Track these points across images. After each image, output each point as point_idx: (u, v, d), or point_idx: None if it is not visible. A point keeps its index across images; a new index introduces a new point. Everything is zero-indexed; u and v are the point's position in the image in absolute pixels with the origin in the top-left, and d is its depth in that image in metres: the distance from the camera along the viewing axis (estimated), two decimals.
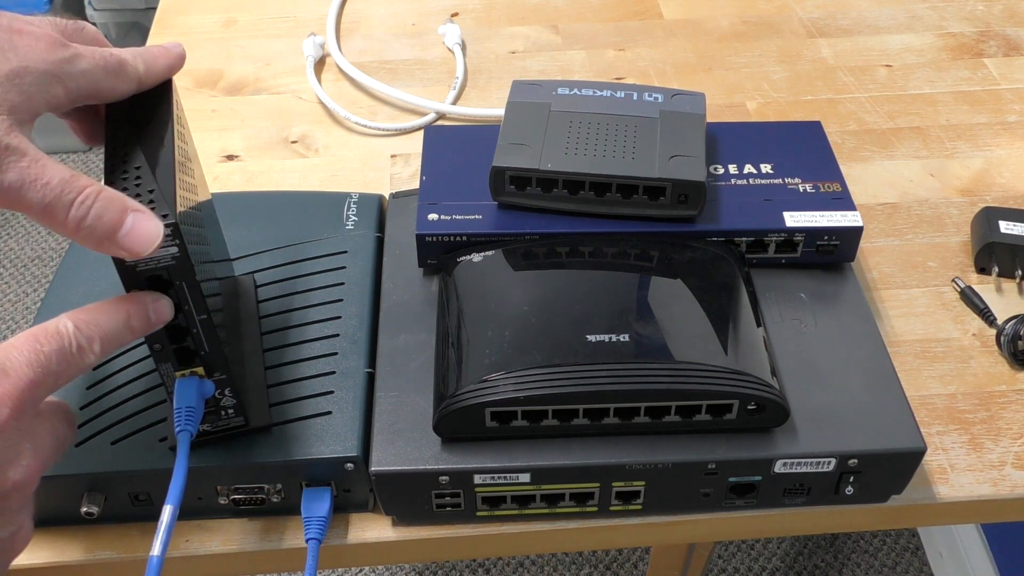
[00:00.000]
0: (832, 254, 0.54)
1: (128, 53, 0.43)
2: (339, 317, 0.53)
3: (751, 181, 0.56)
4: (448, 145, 0.59)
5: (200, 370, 0.43)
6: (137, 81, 0.43)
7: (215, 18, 0.85)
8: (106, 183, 0.39)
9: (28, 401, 0.36)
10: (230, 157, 0.71)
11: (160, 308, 0.40)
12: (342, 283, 0.55)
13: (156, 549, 0.39)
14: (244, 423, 0.46)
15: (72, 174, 0.37)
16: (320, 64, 0.79)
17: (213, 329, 0.42)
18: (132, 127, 0.43)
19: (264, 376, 0.49)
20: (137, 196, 0.39)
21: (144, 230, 0.38)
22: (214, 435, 0.46)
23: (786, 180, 0.56)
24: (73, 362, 0.37)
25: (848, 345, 0.51)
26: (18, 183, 0.36)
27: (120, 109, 0.43)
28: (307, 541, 0.47)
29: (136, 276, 0.40)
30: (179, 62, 0.45)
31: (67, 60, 0.40)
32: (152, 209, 0.39)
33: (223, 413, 0.46)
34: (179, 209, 0.39)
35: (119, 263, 0.39)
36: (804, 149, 0.59)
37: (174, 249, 0.39)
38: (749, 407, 0.45)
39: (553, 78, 0.73)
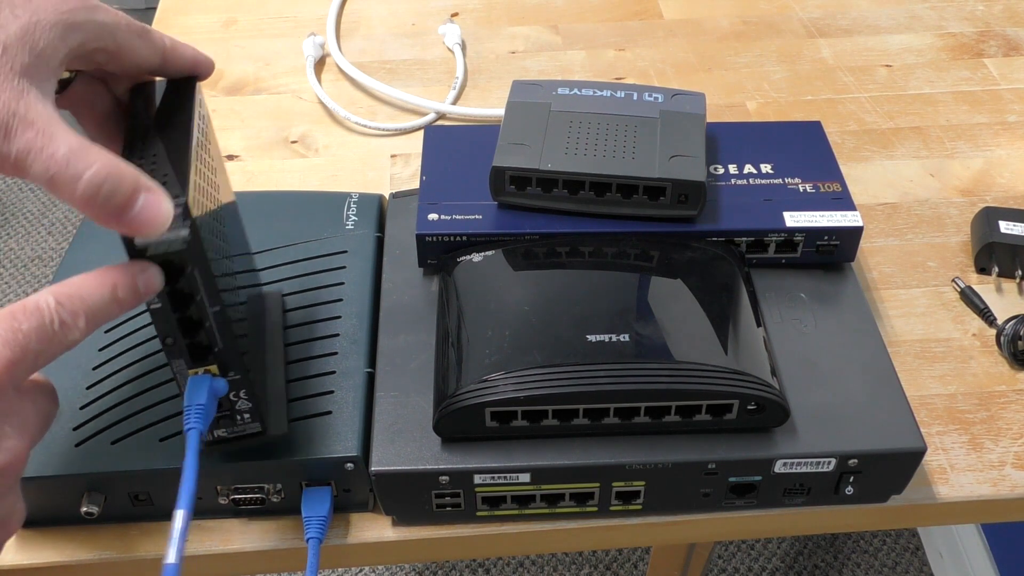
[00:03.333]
0: (832, 254, 0.55)
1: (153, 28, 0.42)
2: (339, 317, 0.53)
3: (751, 181, 0.56)
4: (448, 145, 0.59)
5: (214, 368, 0.42)
6: (162, 52, 0.42)
7: (215, 18, 0.85)
8: None
9: (6, 383, 0.34)
10: (230, 157, 0.71)
11: (149, 278, 0.38)
12: (342, 283, 0.55)
13: (171, 556, 0.36)
14: (261, 429, 0.44)
15: (82, 144, 0.35)
16: (320, 64, 0.79)
17: (227, 323, 0.41)
18: (154, 119, 0.42)
19: (286, 388, 0.48)
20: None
21: (155, 211, 0.36)
22: (231, 441, 0.44)
23: (786, 180, 0.56)
24: (55, 339, 0.35)
25: (848, 345, 0.51)
26: (24, 151, 0.34)
27: (142, 103, 0.43)
28: (307, 540, 0.47)
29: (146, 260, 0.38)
30: (206, 58, 0.45)
31: (85, 9, 0.38)
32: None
33: (239, 418, 0.44)
34: (196, 197, 0.38)
35: (129, 245, 0.38)
36: (804, 149, 0.59)
37: (185, 232, 0.38)
38: (749, 407, 0.45)
39: (553, 78, 0.73)
